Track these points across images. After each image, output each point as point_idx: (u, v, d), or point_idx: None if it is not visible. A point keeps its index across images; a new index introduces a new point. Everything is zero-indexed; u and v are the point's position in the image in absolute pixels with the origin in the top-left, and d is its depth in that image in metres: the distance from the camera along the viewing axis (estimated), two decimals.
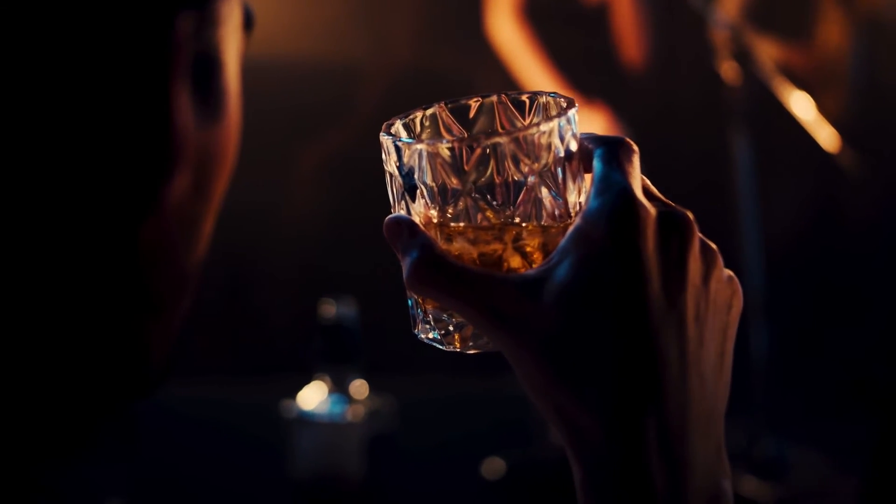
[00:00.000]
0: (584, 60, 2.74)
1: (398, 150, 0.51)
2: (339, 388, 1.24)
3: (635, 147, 0.51)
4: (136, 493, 1.56)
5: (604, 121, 2.51)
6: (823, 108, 2.59)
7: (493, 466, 1.69)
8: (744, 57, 2.27)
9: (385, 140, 0.52)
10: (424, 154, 0.50)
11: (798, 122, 2.79)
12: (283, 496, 1.23)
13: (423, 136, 0.54)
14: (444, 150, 0.50)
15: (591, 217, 0.47)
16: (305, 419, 1.23)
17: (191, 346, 2.67)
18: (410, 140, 0.52)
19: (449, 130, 0.55)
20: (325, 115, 3.03)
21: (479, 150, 0.49)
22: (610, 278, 0.46)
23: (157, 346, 0.47)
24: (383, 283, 3.01)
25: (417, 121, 0.54)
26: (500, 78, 2.73)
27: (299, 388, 1.26)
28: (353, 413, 1.23)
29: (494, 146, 0.49)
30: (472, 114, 0.56)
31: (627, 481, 0.45)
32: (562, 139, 0.51)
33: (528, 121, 0.55)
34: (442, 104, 0.55)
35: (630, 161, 0.50)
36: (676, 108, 3.50)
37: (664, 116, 3.52)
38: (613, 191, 0.48)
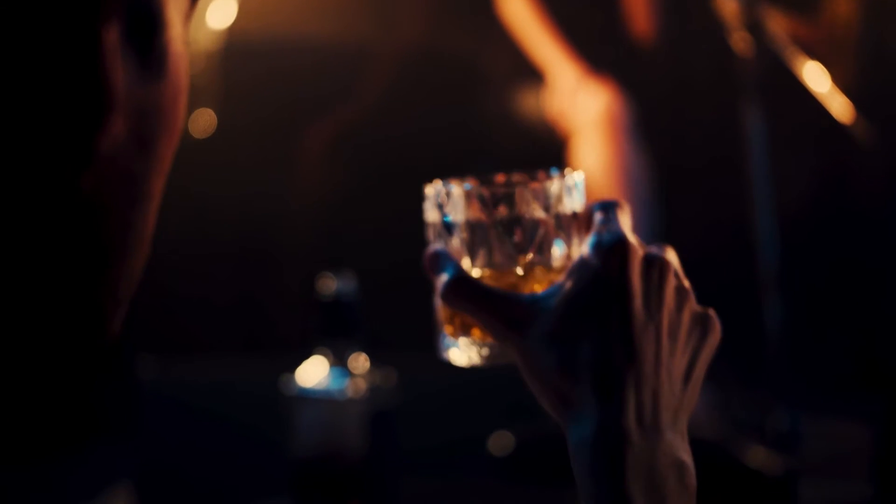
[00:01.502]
0: (594, 34, 2.72)
1: (438, 193, 0.67)
2: (339, 363, 1.23)
3: (627, 206, 0.65)
4: (141, 472, 1.56)
5: (611, 94, 2.49)
6: (834, 79, 2.57)
7: (501, 442, 1.68)
8: (755, 28, 2.24)
9: (428, 189, 0.68)
10: (459, 194, 0.66)
11: (810, 93, 2.76)
12: (284, 472, 1.23)
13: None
14: (474, 190, 0.66)
15: (591, 249, 0.61)
16: (305, 395, 1.22)
17: (197, 325, 2.68)
18: (448, 184, 0.68)
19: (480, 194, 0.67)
20: (333, 96, 3.02)
21: (502, 192, 0.65)
22: (604, 294, 0.60)
23: (106, 303, 0.47)
24: (388, 260, 3.01)
25: (454, 182, 0.69)
26: (510, 58, 2.71)
27: (300, 364, 1.26)
28: (354, 388, 1.22)
29: (515, 189, 0.65)
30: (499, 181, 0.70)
31: (611, 436, 0.57)
32: (569, 195, 0.66)
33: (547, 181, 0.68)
34: (473, 178, 0.69)
35: (624, 214, 0.65)
36: (688, 80, 3.48)
37: (676, 89, 3.49)
38: (609, 231, 0.62)
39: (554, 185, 0.66)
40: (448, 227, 0.67)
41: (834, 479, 2.20)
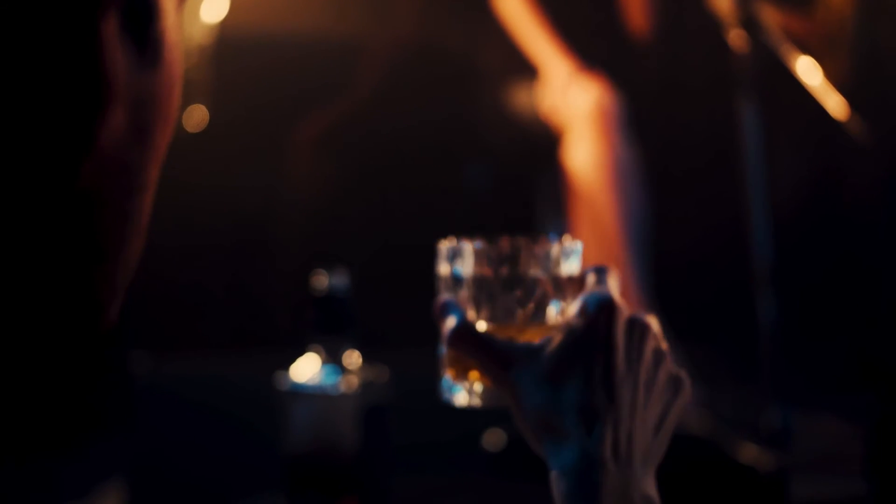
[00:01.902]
0: (590, 29, 2.72)
1: (450, 249, 0.76)
2: (332, 359, 1.23)
3: (617, 272, 0.73)
4: (134, 468, 1.56)
5: (602, 89, 2.49)
6: (827, 75, 2.56)
7: (494, 438, 1.68)
8: (750, 24, 2.24)
9: (442, 245, 0.78)
10: (469, 251, 0.75)
11: (805, 89, 2.76)
12: (278, 468, 1.23)
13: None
14: (482, 249, 0.75)
15: (583, 306, 0.70)
16: (299, 391, 1.22)
17: (190, 321, 2.67)
18: (460, 242, 0.76)
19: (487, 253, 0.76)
20: (327, 90, 3.02)
21: (507, 252, 0.74)
22: (590, 345, 0.68)
23: (103, 294, 0.47)
24: (382, 256, 3.00)
25: (465, 241, 0.77)
26: (504, 53, 2.71)
27: (293, 360, 1.25)
28: (347, 384, 1.22)
29: (519, 251, 0.74)
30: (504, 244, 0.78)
31: (591, 463, 0.65)
32: (567, 259, 0.74)
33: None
34: (482, 238, 0.78)
35: (613, 278, 0.73)
36: (682, 76, 3.48)
37: (670, 85, 3.49)
38: (600, 292, 0.70)
39: (553, 249, 0.75)
40: (457, 281, 0.75)
41: (827, 476, 2.20)
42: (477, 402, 0.76)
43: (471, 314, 0.74)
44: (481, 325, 0.74)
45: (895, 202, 3.03)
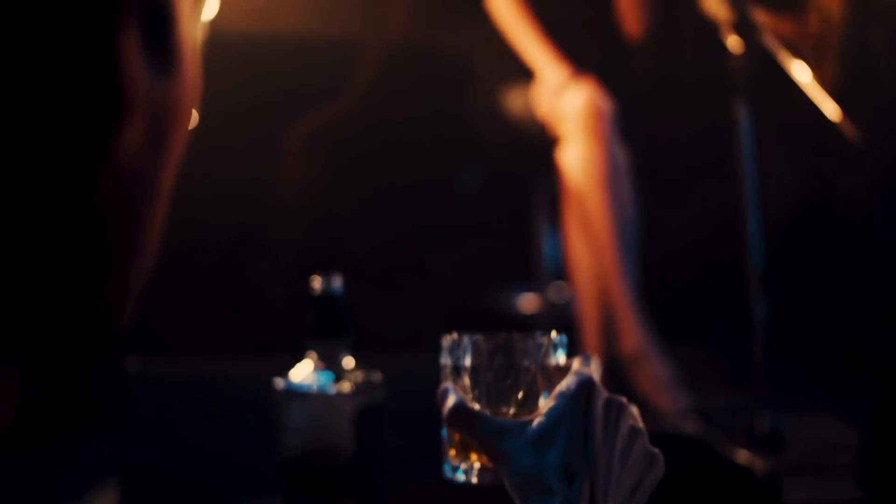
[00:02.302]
0: (584, 32, 2.72)
1: (451, 342, 0.87)
2: (327, 362, 1.23)
3: (598, 360, 0.83)
4: (129, 471, 1.55)
5: (594, 90, 2.49)
6: (819, 80, 2.57)
7: None
8: (745, 28, 2.25)
9: (444, 339, 0.88)
10: (467, 343, 0.85)
11: (797, 92, 2.77)
12: (274, 471, 1.23)
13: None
14: (480, 341, 0.85)
15: (568, 383, 0.79)
16: (294, 393, 1.22)
17: (183, 324, 2.67)
18: (461, 336, 0.87)
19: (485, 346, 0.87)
20: (320, 91, 3.02)
21: (501, 345, 0.85)
22: (573, 418, 0.77)
23: (116, 302, 0.47)
24: (374, 259, 2.99)
25: (465, 335, 0.88)
26: (499, 54, 2.71)
27: (289, 363, 1.26)
28: (343, 386, 1.22)
29: (512, 344, 0.85)
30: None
31: None
32: (554, 352, 0.85)
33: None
34: (482, 333, 0.88)
35: (595, 364, 0.83)
36: (676, 79, 3.48)
37: (664, 87, 3.50)
38: (583, 374, 0.80)
39: (542, 342, 0.85)
40: (457, 370, 0.86)
41: (819, 477, 2.21)
42: (477, 480, 0.87)
43: (469, 399, 0.85)
44: (477, 409, 0.85)
45: (887, 204, 3.04)
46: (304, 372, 1.24)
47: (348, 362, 1.25)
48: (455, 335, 0.88)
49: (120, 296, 0.48)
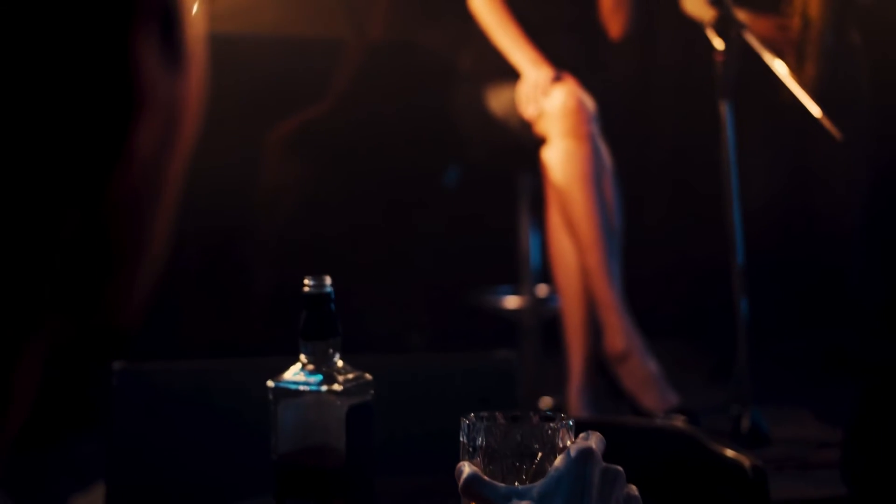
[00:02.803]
0: (565, 30, 2.73)
1: (469, 422, 0.98)
2: (318, 362, 1.23)
3: (601, 437, 0.93)
4: (119, 471, 1.55)
5: (577, 88, 2.50)
6: (799, 79, 2.59)
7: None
8: (728, 26, 2.26)
9: (463, 420, 0.99)
10: (482, 423, 0.96)
11: (780, 90, 2.79)
12: (266, 471, 1.23)
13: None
14: (496, 423, 0.97)
15: (571, 452, 0.88)
16: (285, 393, 1.22)
17: (172, 326, 2.66)
18: (478, 416, 0.98)
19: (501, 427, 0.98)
20: (304, 89, 3.01)
21: (514, 426, 0.96)
22: (573, 480, 0.87)
23: (126, 300, 0.47)
24: (357, 258, 2.99)
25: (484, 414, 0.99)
26: (479, 53, 2.71)
27: (279, 363, 1.26)
28: (334, 386, 1.22)
29: (523, 425, 0.96)
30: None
31: None
32: (560, 433, 0.94)
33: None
34: (500, 414, 0.99)
35: (596, 438, 0.91)
36: (658, 77, 3.50)
37: (646, 86, 3.51)
38: (583, 443, 0.90)
39: (552, 424, 0.95)
40: (473, 448, 0.96)
41: (802, 474, 2.23)
42: None
43: (484, 465, 0.96)
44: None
45: (866, 201, 3.07)
46: (295, 372, 1.24)
47: (339, 362, 1.25)
48: (473, 416, 0.99)
49: (131, 294, 0.48)
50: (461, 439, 0.99)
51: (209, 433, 1.60)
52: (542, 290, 2.96)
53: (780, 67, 2.25)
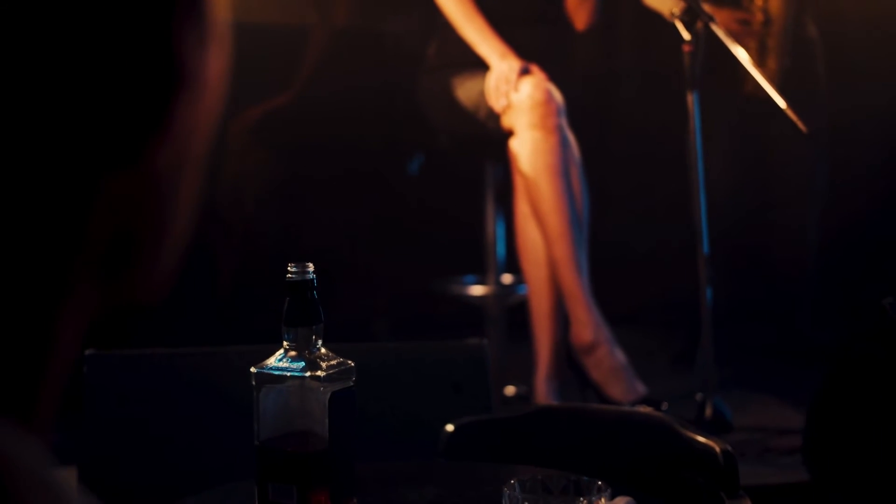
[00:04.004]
0: (529, 23, 2.74)
1: (506, 494, 1.12)
2: (301, 348, 1.24)
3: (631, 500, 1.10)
4: (99, 457, 1.55)
5: (544, 80, 2.51)
6: (763, 70, 2.63)
7: (447, 422, 1.70)
8: (695, 17, 2.29)
9: (504, 489, 1.14)
10: (521, 495, 1.12)
11: (743, 82, 2.82)
12: (248, 457, 1.24)
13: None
14: (531, 496, 1.12)
15: None
16: (268, 379, 1.23)
17: (154, 313, 2.64)
18: (517, 493, 1.13)
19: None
20: (268, 79, 3.00)
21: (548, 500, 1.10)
22: None
23: (144, 281, 0.48)
24: (322, 247, 2.99)
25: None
26: (441, 42, 2.72)
27: (261, 351, 1.27)
28: (317, 371, 1.23)
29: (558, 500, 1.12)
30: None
31: None
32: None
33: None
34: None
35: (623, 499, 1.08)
36: (624, 68, 3.52)
37: (612, 77, 3.54)
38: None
39: (588, 501, 1.10)
40: None
41: (764, 460, 2.27)
42: None
43: None
44: None
45: (819, 192, 3.12)
46: (278, 358, 1.25)
47: (322, 349, 1.26)
48: (514, 488, 1.14)
49: (155, 269, 0.49)
50: None
51: (191, 420, 1.61)
52: (506, 278, 2.98)
53: (743, 58, 2.28)
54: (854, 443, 1.84)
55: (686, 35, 2.30)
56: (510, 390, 2.71)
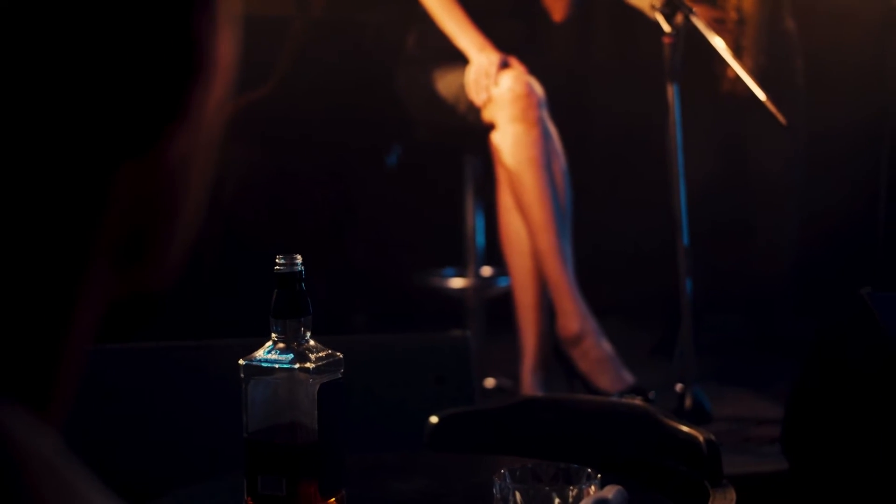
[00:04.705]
0: (507, 15, 2.75)
1: (499, 486, 1.16)
2: (289, 340, 1.24)
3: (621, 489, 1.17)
4: (86, 447, 1.54)
5: (524, 74, 2.52)
6: (741, 62, 2.64)
7: (431, 414, 1.70)
8: (675, 9, 2.29)
9: (497, 487, 1.17)
10: (513, 486, 1.14)
11: (719, 79, 2.84)
12: (236, 449, 1.24)
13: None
14: (522, 486, 1.16)
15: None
16: (257, 371, 1.23)
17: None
18: (508, 483, 1.17)
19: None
20: (246, 70, 2.99)
21: (546, 493, 1.15)
22: None
23: (156, 267, 0.48)
24: (301, 239, 2.98)
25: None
26: (421, 33, 2.72)
27: (250, 343, 1.27)
28: (306, 363, 1.23)
29: (549, 492, 1.15)
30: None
31: None
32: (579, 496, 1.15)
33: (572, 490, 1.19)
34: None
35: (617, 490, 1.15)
36: (599, 60, 3.53)
37: (587, 70, 3.55)
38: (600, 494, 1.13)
39: (574, 491, 1.13)
40: None
41: (742, 450, 2.29)
42: None
43: None
44: None
45: (791, 186, 3.14)
46: (266, 350, 1.25)
47: (310, 340, 1.27)
48: (504, 477, 1.16)
49: (166, 256, 0.49)
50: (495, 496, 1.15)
51: (178, 411, 1.60)
52: (486, 271, 2.98)
53: (724, 48, 2.29)
54: (832, 431, 1.86)
55: (667, 27, 2.30)
56: (490, 382, 2.72)
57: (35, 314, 0.45)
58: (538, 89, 2.50)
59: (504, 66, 2.52)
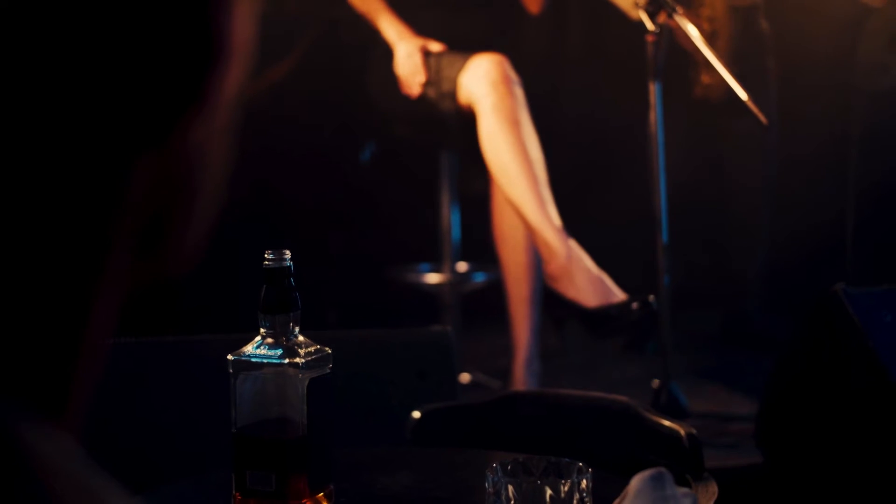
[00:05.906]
0: (480, 7, 2.75)
1: (492, 480, 1.16)
2: (278, 335, 1.24)
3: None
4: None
5: (499, 67, 2.51)
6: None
7: (415, 409, 1.71)
8: (656, 7, 2.30)
9: (489, 482, 1.17)
10: (505, 481, 1.14)
11: (692, 84, 2.85)
12: (225, 444, 1.24)
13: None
14: (515, 480, 1.14)
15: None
16: (246, 366, 1.23)
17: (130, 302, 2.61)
18: (500, 476, 1.16)
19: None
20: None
21: (539, 487, 1.14)
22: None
23: (174, 253, 0.48)
24: (277, 233, 2.97)
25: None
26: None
27: (240, 338, 1.27)
28: (295, 359, 1.23)
29: (541, 486, 1.13)
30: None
31: None
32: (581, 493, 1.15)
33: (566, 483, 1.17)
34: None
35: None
36: (573, 55, 3.55)
37: (561, 65, 3.56)
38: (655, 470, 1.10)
39: (567, 485, 1.13)
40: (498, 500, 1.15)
41: (717, 444, 2.31)
42: None
43: None
44: None
45: (773, 184, 3.17)
46: (255, 345, 1.25)
47: (299, 336, 1.27)
48: (497, 472, 1.15)
49: (185, 242, 0.49)
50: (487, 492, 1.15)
51: (169, 408, 1.60)
52: (462, 266, 2.99)
53: (701, 40, 2.30)
54: (806, 425, 1.89)
55: (650, 26, 2.31)
56: (465, 377, 2.72)
57: (53, 308, 0.45)
58: (512, 73, 2.50)
59: (426, 54, 2.53)
